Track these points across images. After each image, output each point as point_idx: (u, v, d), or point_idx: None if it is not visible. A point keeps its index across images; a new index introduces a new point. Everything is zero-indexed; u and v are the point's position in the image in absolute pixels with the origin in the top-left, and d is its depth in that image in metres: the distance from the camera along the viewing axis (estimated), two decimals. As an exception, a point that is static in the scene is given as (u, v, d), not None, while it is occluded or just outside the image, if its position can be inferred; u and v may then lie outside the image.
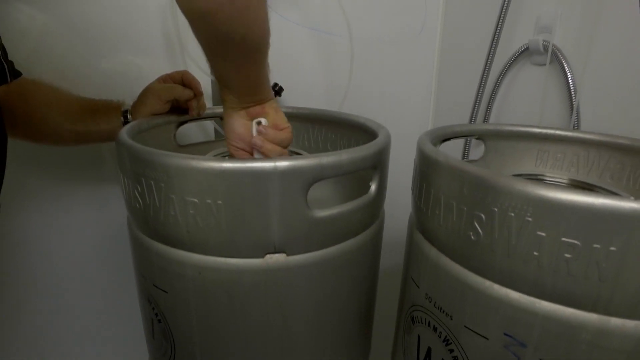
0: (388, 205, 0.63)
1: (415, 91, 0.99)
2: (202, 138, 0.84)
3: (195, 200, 0.45)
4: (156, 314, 0.56)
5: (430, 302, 0.53)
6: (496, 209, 0.42)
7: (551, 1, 0.78)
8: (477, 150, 0.73)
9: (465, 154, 0.89)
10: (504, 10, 0.81)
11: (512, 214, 0.41)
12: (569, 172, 0.69)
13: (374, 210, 0.56)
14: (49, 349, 0.91)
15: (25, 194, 0.80)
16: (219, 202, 0.45)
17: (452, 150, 0.70)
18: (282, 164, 0.44)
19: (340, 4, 0.87)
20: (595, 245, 0.38)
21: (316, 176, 0.46)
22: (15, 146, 0.61)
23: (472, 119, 0.91)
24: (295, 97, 0.92)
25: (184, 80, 0.68)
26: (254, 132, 0.53)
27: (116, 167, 0.55)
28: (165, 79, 0.68)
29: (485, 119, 0.90)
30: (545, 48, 0.78)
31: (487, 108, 0.89)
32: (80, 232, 0.86)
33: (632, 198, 0.37)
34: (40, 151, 0.78)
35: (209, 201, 0.45)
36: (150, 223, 0.50)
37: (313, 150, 0.79)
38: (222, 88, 0.52)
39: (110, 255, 0.88)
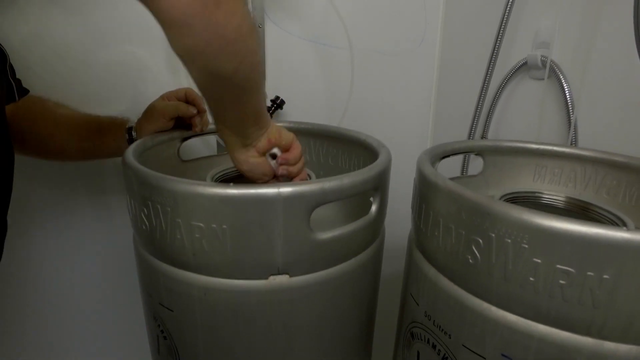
0: (389, 211, 0.64)
1: (415, 102, 1.01)
2: (205, 152, 0.85)
3: (201, 224, 0.47)
4: (162, 331, 0.57)
5: (430, 320, 0.54)
6: (493, 235, 0.43)
7: (549, 16, 0.79)
8: (476, 163, 0.74)
9: (464, 169, 0.90)
10: (503, 24, 0.82)
11: (509, 240, 0.42)
12: (566, 187, 0.70)
13: (375, 230, 0.58)
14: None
15: (30, 207, 0.82)
16: (224, 226, 0.46)
17: (451, 164, 0.71)
18: (286, 190, 0.46)
19: (340, 15, 0.88)
20: (589, 273, 0.39)
21: (319, 201, 0.47)
22: (20, 160, 0.62)
23: (472, 130, 0.92)
24: (297, 109, 0.93)
25: (187, 97, 0.69)
26: (274, 165, 0.55)
27: (121, 178, 0.56)
28: (169, 97, 0.69)
29: (485, 131, 0.91)
30: (544, 63, 0.79)
31: (486, 120, 0.90)
32: (86, 245, 0.87)
33: (625, 228, 0.38)
34: (44, 163, 0.80)
35: (214, 226, 0.46)
36: (156, 244, 0.51)
37: (315, 164, 0.80)
38: (221, 129, 0.52)
39: (116, 269, 0.89)
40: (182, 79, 0.83)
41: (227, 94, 0.47)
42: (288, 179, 0.57)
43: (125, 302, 0.92)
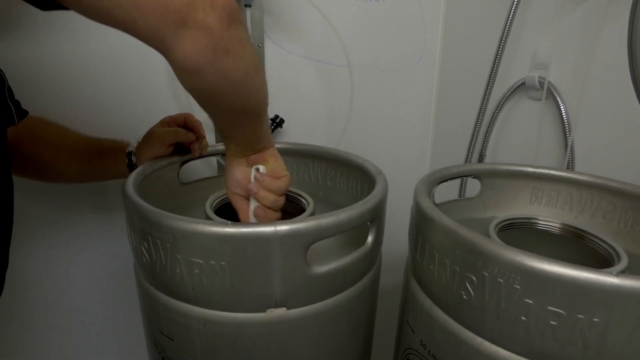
0: (388, 219, 0.64)
1: (414, 118, 1.01)
2: (206, 172, 0.86)
3: (200, 261, 0.48)
4: (162, 358, 0.58)
5: (425, 349, 0.55)
6: (486, 274, 0.44)
7: (547, 38, 0.79)
8: (474, 183, 0.74)
9: (461, 190, 0.91)
10: (502, 43, 0.83)
11: (501, 280, 0.43)
12: (562, 210, 0.71)
13: (371, 258, 0.59)
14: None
15: (32, 223, 0.83)
16: (223, 263, 0.47)
17: (449, 184, 0.72)
18: (282, 228, 0.46)
19: (337, 33, 0.88)
20: (579, 316, 0.40)
21: (315, 237, 0.48)
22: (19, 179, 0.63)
23: (470, 147, 0.92)
24: (297, 127, 0.94)
25: (186, 123, 0.70)
26: (252, 179, 0.55)
27: (120, 197, 0.57)
28: (168, 122, 0.70)
29: (483, 148, 0.92)
30: (541, 84, 0.80)
31: (485, 137, 0.91)
32: (86, 265, 0.88)
33: (614, 273, 0.39)
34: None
35: (213, 262, 0.47)
36: (156, 277, 0.52)
37: (313, 184, 0.81)
38: (224, 138, 0.55)
39: (120, 285, 0.90)
40: (182, 99, 0.84)
41: (232, 121, 0.50)
42: (254, 201, 0.56)
43: (130, 321, 0.93)
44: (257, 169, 0.56)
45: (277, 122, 0.90)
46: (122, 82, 0.81)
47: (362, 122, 0.98)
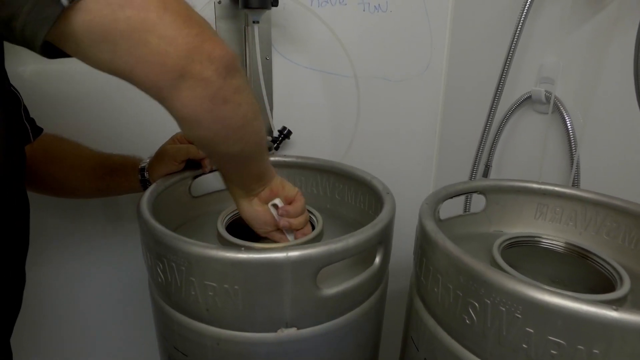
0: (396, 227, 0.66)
1: (420, 128, 1.02)
2: (216, 184, 0.87)
3: (214, 284, 0.50)
4: (177, 371, 0.61)
5: (430, 366, 0.57)
6: (489, 302, 0.46)
7: (553, 52, 0.79)
8: (479, 198, 0.75)
9: (467, 204, 0.92)
10: (509, 56, 0.83)
11: (503, 309, 0.45)
12: (567, 225, 0.72)
13: (379, 277, 0.60)
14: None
15: (47, 234, 0.85)
16: (236, 287, 0.49)
17: (454, 199, 0.73)
18: (294, 253, 0.48)
19: (342, 43, 0.88)
20: (579, 347, 0.41)
21: (325, 262, 0.50)
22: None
23: (476, 159, 0.93)
24: (304, 138, 0.96)
25: (198, 139, 0.71)
26: (276, 215, 0.58)
27: (131, 207, 0.59)
28: (180, 139, 0.72)
29: (489, 160, 0.93)
30: (547, 98, 0.80)
31: (491, 149, 0.92)
32: (99, 277, 0.90)
33: (615, 307, 0.40)
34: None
35: (227, 286, 0.49)
36: (171, 296, 0.55)
37: (322, 197, 0.82)
38: (227, 183, 0.56)
39: (131, 302, 0.92)
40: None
41: (233, 163, 0.52)
42: (291, 231, 0.60)
43: (145, 335, 0.94)
44: (275, 205, 0.59)
45: (285, 134, 0.92)
46: (135, 96, 0.82)
47: (369, 132, 0.99)
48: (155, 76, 0.38)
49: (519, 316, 0.44)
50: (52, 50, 0.37)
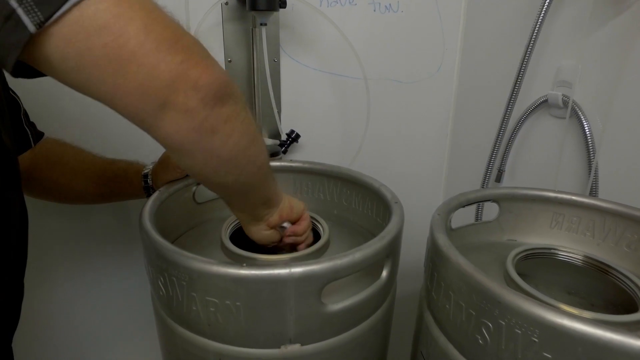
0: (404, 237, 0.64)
1: (431, 131, 0.99)
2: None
3: (216, 300, 0.48)
4: (180, 383, 0.59)
5: (439, 385, 0.55)
6: (503, 323, 0.43)
7: (572, 54, 0.76)
8: (492, 206, 0.73)
9: (478, 212, 0.89)
10: (525, 58, 0.79)
11: (519, 331, 0.42)
12: (584, 236, 0.69)
13: (386, 292, 0.58)
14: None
15: (50, 240, 0.84)
16: (238, 303, 0.47)
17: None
18: (297, 270, 0.46)
19: (351, 44, 0.86)
20: (600, 375, 0.39)
21: (330, 278, 0.48)
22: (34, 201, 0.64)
23: (489, 163, 0.90)
24: (313, 141, 0.94)
25: (202, 146, 0.70)
26: (282, 232, 0.57)
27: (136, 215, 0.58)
28: (184, 145, 0.70)
29: (502, 164, 0.90)
30: (565, 103, 0.77)
31: (504, 154, 0.89)
32: (107, 286, 0.89)
33: (639, 334, 0.37)
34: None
35: (228, 302, 0.48)
36: (173, 310, 0.53)
37: (329, 202, 0.80)
38: (231, 209, 0.54)
39: (135, 312, 0.91)
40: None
41: (232, 194, 0.50)
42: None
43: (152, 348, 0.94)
44: (283, 228, 0.57)
45: (293, 137, 0.90)
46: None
47: (379, 135, 0.97)
48: (135, 107, 0.35)
49: (536, 340, 0.41)
50: (29, 70, 0.35)
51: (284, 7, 0.78)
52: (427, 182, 1.02)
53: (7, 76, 0.63)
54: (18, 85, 0.67)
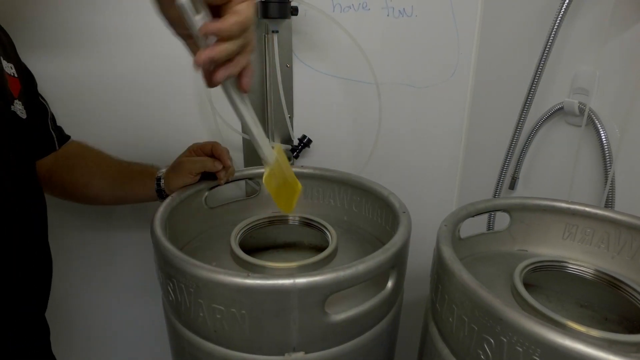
0: (414, 228, 0.63)
1: (444, 137, 0.98)
2: (232, 195, 0.87)
3: (222, 307, 0.49)
4: (189, 385, 0.61)
5: (443, 396, 0.55)
6: (505, 340, 0.43)
7: (589, 62, 0.74)
8: (503, 215, 0.72)
9: (490, 221, 0.88)
10: (541, 63, 0.78)
11: (520, 349, 0.42)
12: (598, 248, 0.68)
13: (391, 302, 0.58)
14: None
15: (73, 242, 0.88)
16: (243, 312, 0.49)
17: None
18: (301, 281, 0.47)
19: (361, 49, 0.85)
20: (603, 398, 0.38)
21: (333, 289, 0.49)
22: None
23: (503, 171, 0.89)
24: (324, 146, 0.94)
25: (213, 152, 0.71)
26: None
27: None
28: (196, 151, 0.72)
29: (516, 171, 0.88)
30: (581, 110, 0.75)
31: (518, 162, 0.87)
32: (123, 285, 0.92)
33: (642, 358, 0.37)
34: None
35: (234, 310, 0.49)
36: (181, 315, 0.55)
37: (339, 208, 0.81)
38: None
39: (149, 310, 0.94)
40: (210, 123, 0.85)
41: None
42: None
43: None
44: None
45: (305, 143, 0.91)
46: (152, 105, 0.83)
47: (391, 141, 0.97)
48: None
49: (537, 358, 0.41)
50: None
51: (296, 14, 0.78)
52: (440, 187, 1.01)
53: (37, 83, 0.67)
54: (47, 90, 0.70)
